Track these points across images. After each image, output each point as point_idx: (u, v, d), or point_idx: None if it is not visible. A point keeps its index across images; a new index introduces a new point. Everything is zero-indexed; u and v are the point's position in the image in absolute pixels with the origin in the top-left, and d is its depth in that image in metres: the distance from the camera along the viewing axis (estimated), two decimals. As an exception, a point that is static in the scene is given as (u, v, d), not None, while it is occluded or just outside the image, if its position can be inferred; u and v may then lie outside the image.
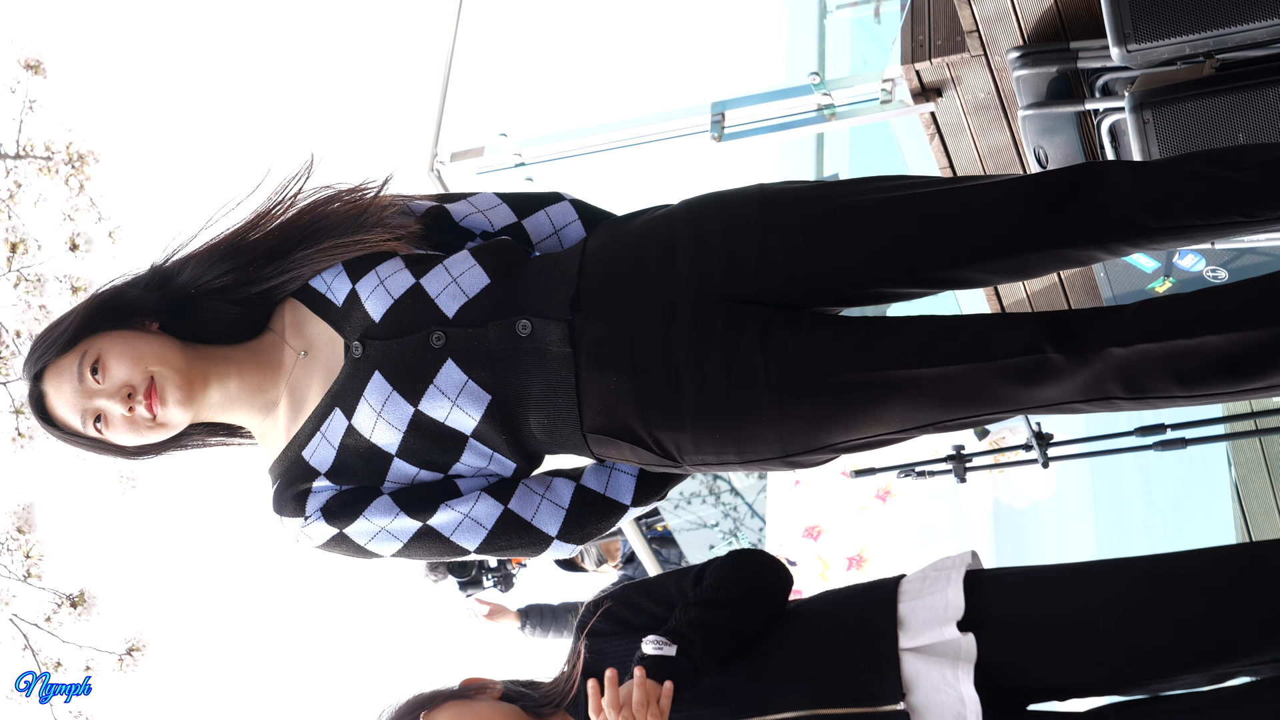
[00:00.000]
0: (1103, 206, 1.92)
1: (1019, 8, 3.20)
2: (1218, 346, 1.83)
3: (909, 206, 1.94)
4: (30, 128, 6.51)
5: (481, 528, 2.05)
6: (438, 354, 1.98)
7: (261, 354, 2.10)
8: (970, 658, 1.82)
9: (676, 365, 1.93)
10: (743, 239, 1.96)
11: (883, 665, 1.85)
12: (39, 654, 6.06)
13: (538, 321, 1.96)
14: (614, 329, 1.95)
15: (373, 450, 2.04)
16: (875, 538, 5.10)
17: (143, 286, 2.09)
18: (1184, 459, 4.05)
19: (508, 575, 5.48)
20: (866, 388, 1.91)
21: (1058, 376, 1.88)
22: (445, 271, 2.03)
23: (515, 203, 2.20)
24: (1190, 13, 2.74)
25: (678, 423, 1.96)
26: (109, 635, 6.08)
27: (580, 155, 4.10)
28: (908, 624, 1.90)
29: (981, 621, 1.87)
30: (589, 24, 4.86)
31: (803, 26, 4.61)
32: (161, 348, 2.03)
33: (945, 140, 3.64)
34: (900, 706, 1.80)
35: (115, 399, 2.00)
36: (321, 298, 2.08)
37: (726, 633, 1.95)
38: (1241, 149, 1.98)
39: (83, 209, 6.51)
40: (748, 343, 1.92)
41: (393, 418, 2.00)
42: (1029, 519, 4.97)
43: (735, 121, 3.89)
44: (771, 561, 2.12)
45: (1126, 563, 1.99)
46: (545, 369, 1.97)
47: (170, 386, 2.01)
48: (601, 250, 2.04)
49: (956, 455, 3.97)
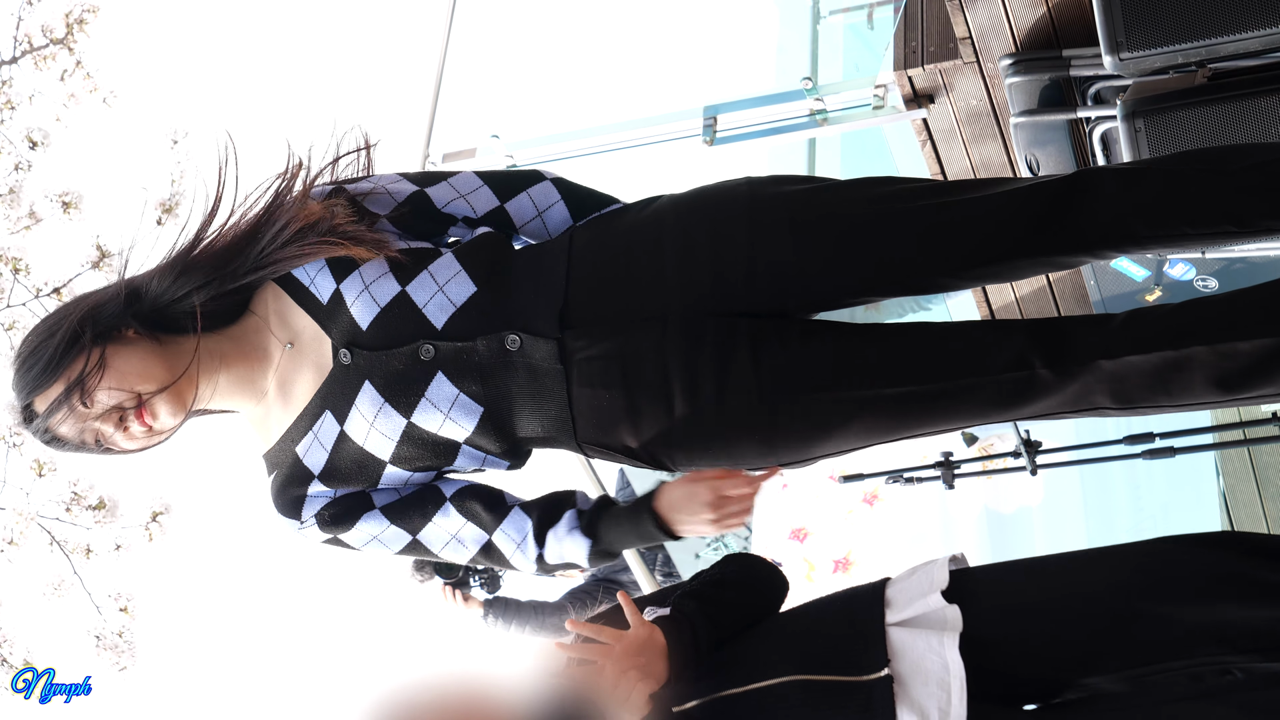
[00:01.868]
0: (1094, 215, 1.92)
1: (1012, 15, 3.20)
2: (1205, 358, 1.83)
3: (903, 220, 1.93)
4: (30, 23, 6.38)
5: (466, 550, 2.09)
6: (428, 366, 1.98)
7: (245, 341, 2.07)
8: (956, 626, 1.82)
9: (668, 381, 1.93)
10: (731, 246, 1.95)
11: (868, 637, 1.85)
12: (65, 544, 6.01)
13: (527, 338, 1.96)
14: (605, 346, 1.95)
15: (365, 456, 2.04)
16: (862, 541, 5.10)
17: (115, 302, 2.04)
18: (1172, 467, 4.06)
19: (494, 576, 5.50)
20: (858, 403, 1.92)
21: (1047, 390, 1.89)
22: (431, 279, 2.00)
23: (496, 184, 2.16)
24: (1183, 22, 2.74)
25: (670, 438, 1.97)
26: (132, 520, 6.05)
27: (572, 158, 4.10)
28: (894, 602, 1.91)
29: (969, 598, 1.88)
30: (582, 27, 4.86)
31: (796, 31, 4.61)
32: (143, 361, 2.00)
33: (937, 147, 3.64)
34: (885, 673, 1.80)
35: (108, 422, 1.99)
36: (305, 290, 2.05)
37: (727, 608, 1.95)
38: (1235, 148, 1.98)
39: (77, 93, 6.37)
40: (739, 358, 1.92)
41: (385, 428, 2.00)
42: (1017, 525, 4.98)
43: (727, 125, 3.89)
44: (769, 563, 2.13)
45: (1116, 547, 2.00)
46: (537, 382, 1.98)
47: (158, 401, 1.99)
48: (588, 253, 2.02)
49: (945, 461, 3.97)
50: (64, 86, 6.26)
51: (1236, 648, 1.81)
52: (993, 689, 1.86)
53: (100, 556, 5.93)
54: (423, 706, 1.97)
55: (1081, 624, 1.87)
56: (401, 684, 2.03)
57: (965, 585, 1.93)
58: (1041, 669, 1.88)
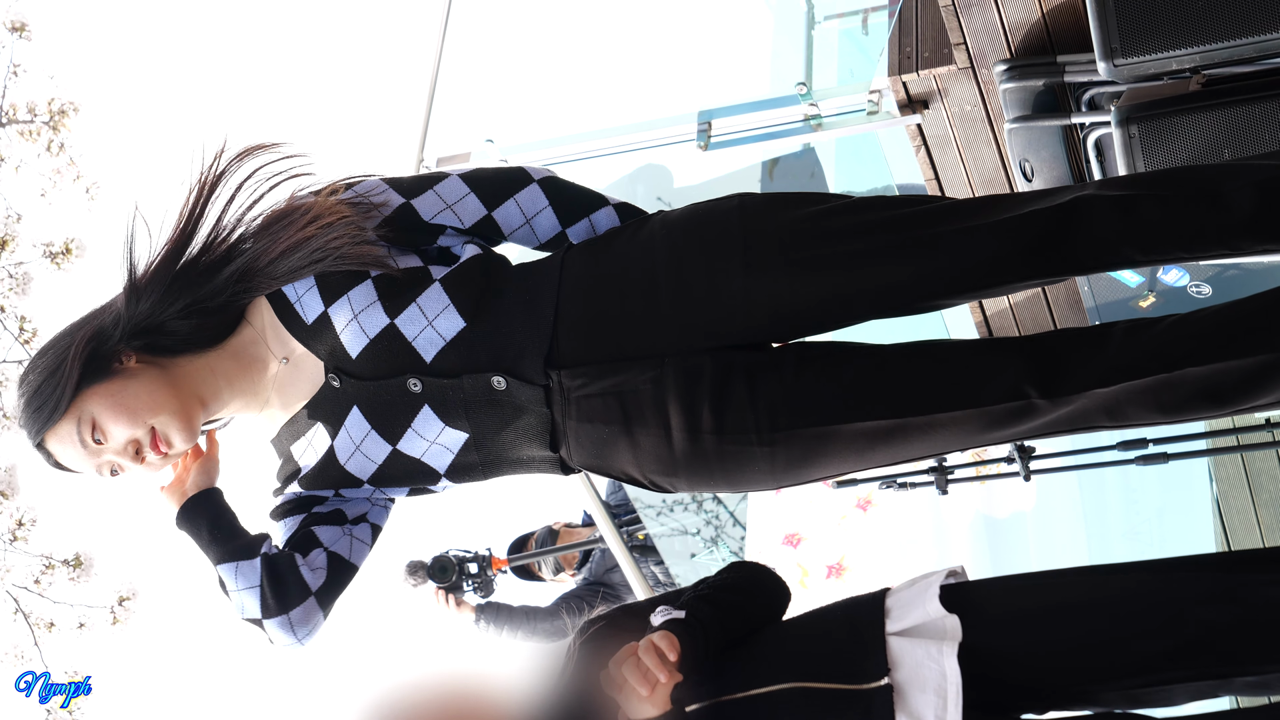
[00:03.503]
0: (1089, 244, 1.93)
1: (1006, 21, 3.20)
2: (1200, 376, 1.85)
3: (896, 254, 1.94)
4: (15, 93, 6.42)
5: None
6: (416, 399, 2.01)
7: (243, 353, 2.09)
8: (955, 636, 1.84)
9: (667, 419, 1.95)
10: (726, 280, 1.96)
11: (869, 646, 1.86)
12: (30, 615, 6.02)
13: (513, 381, 1.97)
14: (603, 384, 1.96)
15: (345, 475, 2.09)
16: (855, 547, 5.09)
17: (112, 321, 2.05)
18: (1166, 473, 4.06)
19: (488, 581, 5.51)
20: (855, 435, 1.94)
21: (1041, 416, 1.91)
22: (420, 313, 2.00)
23: (483, 190, 2.15)
24: (1177, 28, 2.74)
25: (671, 469, 2.00)
26: (101, 592, 6.05)
27: (567, 162, 4.10)
28: (894, 611, 1.92)
29: (968, 609, 1.89)
30: (577, 31, 4.86)
31: (790, 36, 4.61)
32: (150, 391, 2.02)
33: (931, 152, 3.64)
34: (885, 682, 1.82)
35: (124, 455, 2.02)
36: (291, 309, 2.06)
37: (735, 612, 1.95)
38: (1226, 167, 1.98)
39: (63, 170, 6.41)
40: (736, 394, 1.94)
41: (371, 452, 2.05)
42: (1010, 531, 4.97)
43: (722, 130, 3.88)
44: (774, 573, 2.14)
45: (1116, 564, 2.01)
46: (522, 422, 2.01)
47: (172, 430, 2.02)
48: (580, 287, 2.01)
49: (938, 467, 3.97)
50: (49, 161, 6.30)
51: (1234, 660, 1.81)
52: (990, 698, 1.87)
53: (63, 632, 5.93)
54: (420, 707, 1.97)
55: (1080, 636, 1.87)
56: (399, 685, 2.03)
57: (965, 596, 1.94)
58: (1039, 679, 1.88)
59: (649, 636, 1.80)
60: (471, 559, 5.49)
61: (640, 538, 5.44)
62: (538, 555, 5.69)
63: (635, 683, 1.75)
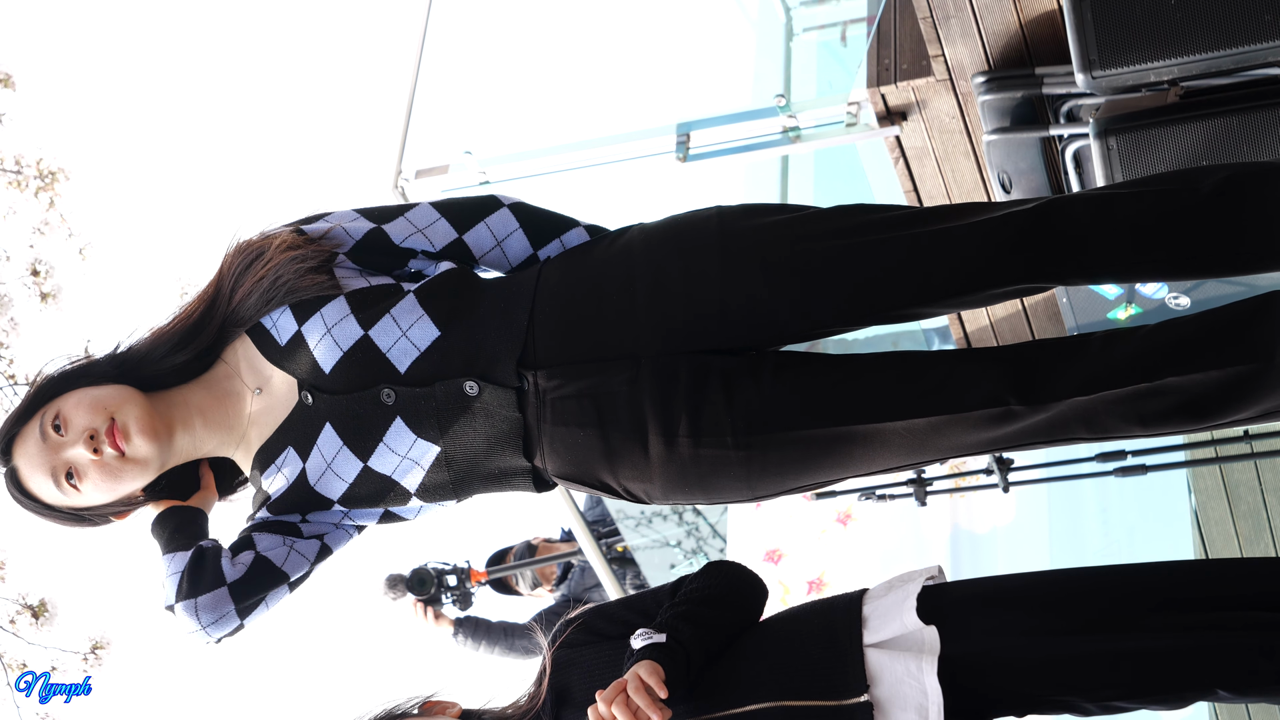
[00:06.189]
0: (1067, 247, 1.93)
1: (985, 32, 3.21)
2: (1180, 387, 1.85)
3: (873, 256, 1.93)
4: (2, 143, 6.46)
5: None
6: (388, 410, 1.99)
7: (217, 387, 2.11)
8: (934, 650, 1.83)
9: (643, 422, 1.94)
10: (703, 284, 1.95)
11: (847, 659, 1.86)
12: (3, 656, 5.99)
13: (485, 386, 1.96)
14: (579, 385, 1.95)
15: (315, 496, 2.07)
16: (835, 561, 5.10)
17: (101, 364, 2.13)
18: (1144, 485, 4.08)
19: (466, 594, 5.51)
20: (832, 440, 1.93)
21: (1021, 424, 1.90)
22: (394, 323, 2.00)
23: (453, 215, 2.15)
24: (1155, 40, 2.75)
25: (646, 475, 1.98)
26: (73, 636, 6.02)
27: (545, 174, 4.09)
28: (871, 622, 1.91)
29: (947, 616, 1.88)
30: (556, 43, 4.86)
31: (769, 48, 4.62)
32: (120, 392, 2.06)
33: (910, 164, 3.65)
34: (865, 698, 1.81)
35: (80, 445, 2.01)
36: (267, 334, 2.07)
37: (715, 627, 1.94)
38: (1207, 167, 1.98)
39: (53, 223, 6.45)
40: (712, 399, 1.93)
41: (342, 470, 2.03)
42: (988, 543, 4.98)
43: (700, 143, 3.88)
44: (750, 571, 2.13)
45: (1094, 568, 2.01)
46: (493, 428, 1.99)
47: (131, 421, 2.02)
48: (556, 293, 2.01)
49: (917, 479, 3.98)
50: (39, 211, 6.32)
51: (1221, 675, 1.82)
52: (969, 705, 1.86)
53: (34, 674, 5.91)
54: None
55: (1057, 642, 1.87)
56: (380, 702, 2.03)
57: (943, 601, 1.93)
58: (1018, 686, 1.88)
59: (635, 670, 1.78)
60: (450, 571, 5.49)
61: (620, 550, 5.44)
62: (517, 567, 5.68)
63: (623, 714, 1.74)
